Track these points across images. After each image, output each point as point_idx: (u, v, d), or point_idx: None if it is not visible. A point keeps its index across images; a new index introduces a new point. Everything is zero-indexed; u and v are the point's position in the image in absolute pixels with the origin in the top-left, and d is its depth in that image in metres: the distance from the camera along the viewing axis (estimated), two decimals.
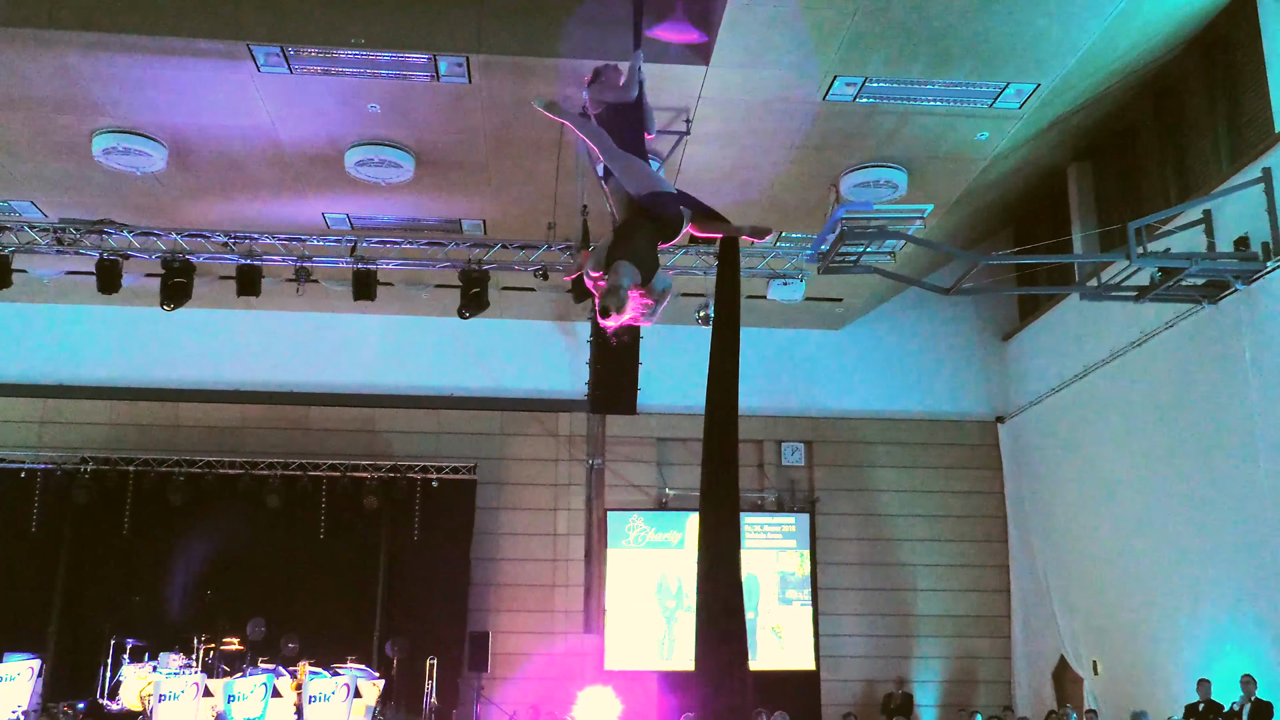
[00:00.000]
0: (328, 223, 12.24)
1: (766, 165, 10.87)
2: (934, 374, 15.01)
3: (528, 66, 9.13)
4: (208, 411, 14.15)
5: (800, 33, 8.76)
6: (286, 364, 14.36)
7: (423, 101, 9.72)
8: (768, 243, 12.49)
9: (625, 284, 4.69)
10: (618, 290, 4.67)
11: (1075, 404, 12.83)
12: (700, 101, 9.65)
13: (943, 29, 8.77)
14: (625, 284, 4.69)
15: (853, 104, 9.78)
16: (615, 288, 4.68)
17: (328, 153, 10.54)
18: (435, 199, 11.69)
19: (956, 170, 11.04)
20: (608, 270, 4.77)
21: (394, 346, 14.56)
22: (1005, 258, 11.62)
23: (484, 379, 14.54)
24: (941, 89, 9.62)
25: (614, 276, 4.72)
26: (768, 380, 14.65)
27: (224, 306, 13.42)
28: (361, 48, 8.90)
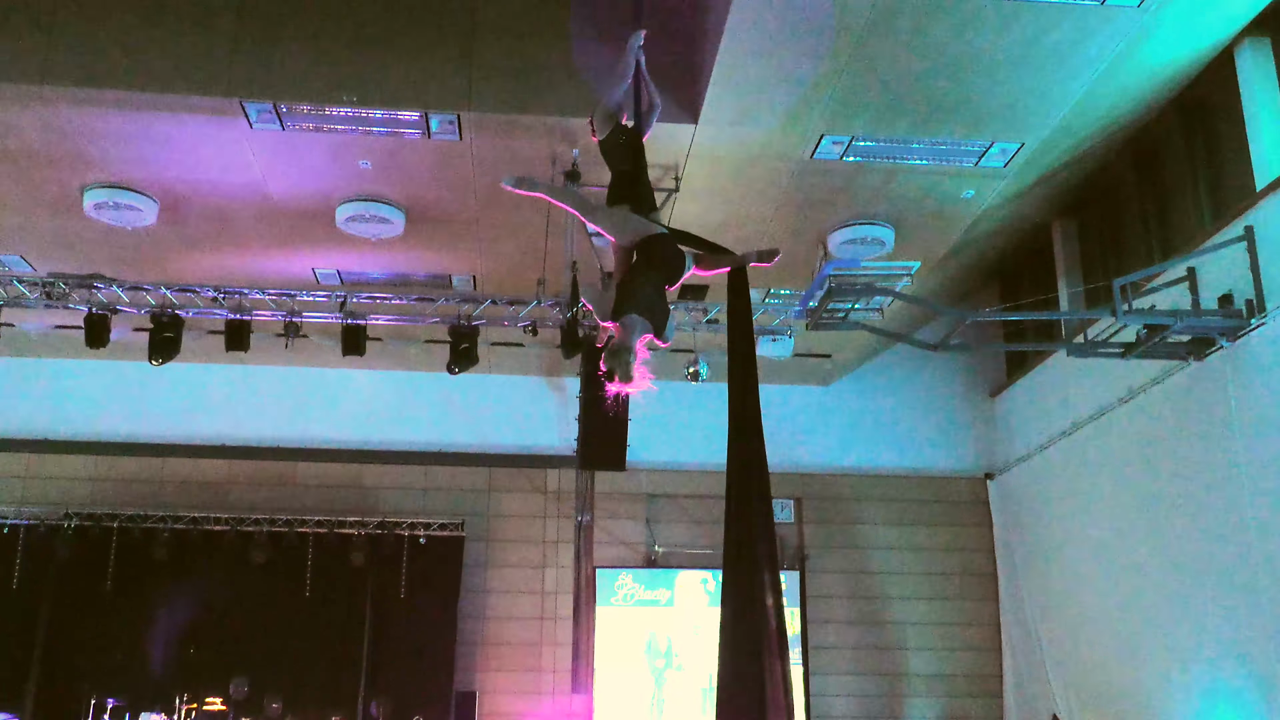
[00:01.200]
0: (318, 278, 12.28)
1: (755, 221, 10.97)
2: (923, 430, 15.04)
3: (518, 123, 9.24)
4: (194, 467, 14.07)
5: (787, 92, 8.90)
6: (274, 419, 14.34)
7: (414, 158, 9.81)
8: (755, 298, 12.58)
9: (634, 343, 4.55)
10: (625, 352, 4.53)
11: (1064, 460, 12.84)
12: (689, 158, 9.77)
13: (927, 89, 8.92)
14: (634, 343, 4.55)
15: (840, 161, 9.90)
16: (623, 349, 4.54)
17: (319, 208, 10.61)
18: (425, 254, 11.75)
19: (943, 227, 11.15)
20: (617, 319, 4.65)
21: (382, 402, 14.55)
22: (992, 314, 11.70)
23: (472, 434, 14.51)
24: (927, 148, 9.75)
25: (624, 334, 4.58)
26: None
27: (211, 361, 13.40)
28: (354, 105, 9.00)
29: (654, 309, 4.70)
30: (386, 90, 8.98)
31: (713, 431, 14.50)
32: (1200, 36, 8.90)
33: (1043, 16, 8.15)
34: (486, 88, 9.04)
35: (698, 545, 14.37)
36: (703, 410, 14.58)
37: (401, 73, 9.01)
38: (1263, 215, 9.21)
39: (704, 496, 14.56)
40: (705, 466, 14.44)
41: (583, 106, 9.02)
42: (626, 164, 5.22)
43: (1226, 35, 9.03)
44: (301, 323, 11.61)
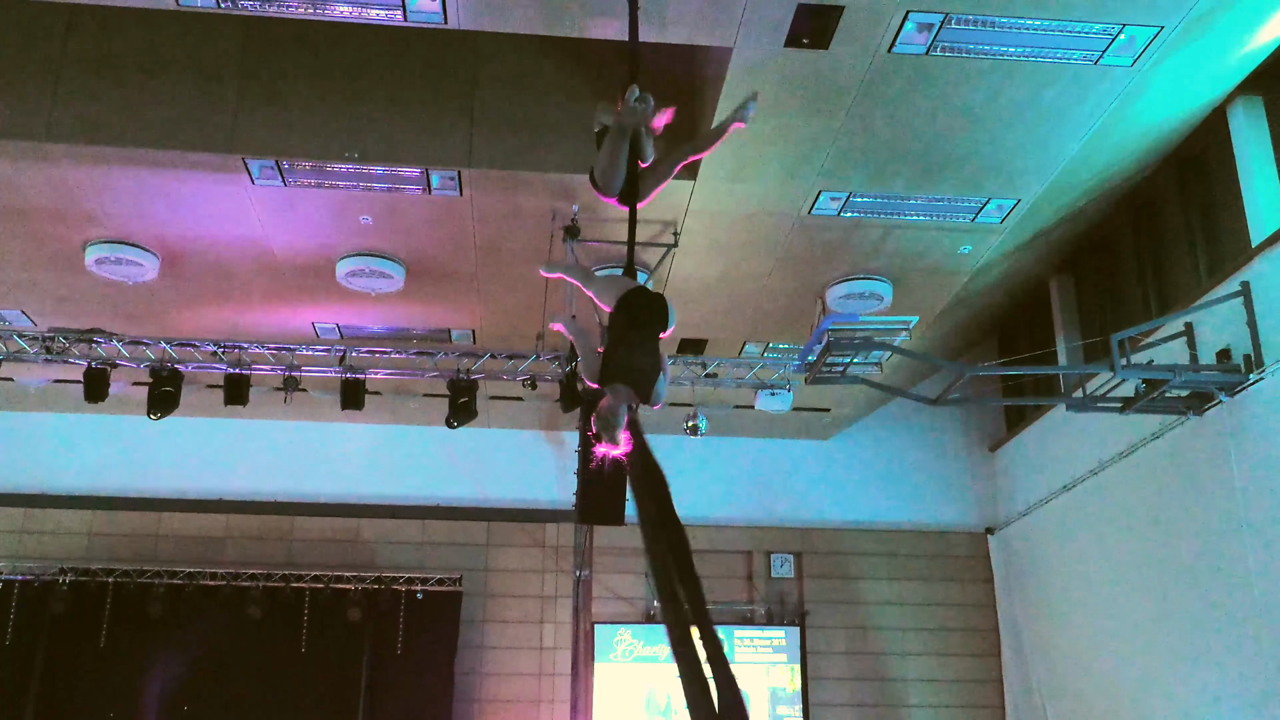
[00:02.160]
0: (317, 332, 12.30)
1: (753, 276, 11.01)
2: (923, 485, 14.98)
3: (518, 179, 9.30)
4: (190, 521, 13.98)
5: (785, 148, 8.98)
6: (271, 473, 14.27)
7: (414, 213, 9.87)
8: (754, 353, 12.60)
9: (622, 411, 4.67)
10: (613, 417, 4.65)
11: (1064, 515, 12.78)
12: (688, 214, 9.83)
13: (924, 147, 9.00)
14: (622, 411, 4.67)
15: (837, 217, 9.96)
16: (611, 415, 4.66)
17: (319, 263, 10.66)
18: (425, 309, 11.78)
19: (941, 282, 11.19)
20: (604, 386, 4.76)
21: (380, 456, 14.50)
22: (991, 369, 11.69)
23: (471, 489, 14.45)
24: (924, 204, 9.81)
25: (612, 400, 4.70)
26: (756, 490, 14.62)
27: (209, 415, 13.38)
28: (355, 161, 9.07)
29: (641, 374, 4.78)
30: (388, 147, 9.05)
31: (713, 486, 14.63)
32: (1193, 95, 8.99)
33: (1038, 75, 8.24)
34: (487, 144, 9.10)
35: None
36: (702, 464, 14.59)
37: (403, 129, 9.08)
38: (1259, 271, 9.25)
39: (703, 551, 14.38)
40: (704, 521, 14.39)
41: (582, 163, 9.07)
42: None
43: (1219, 94, 9.13)
44: (301, 377, 11.60)
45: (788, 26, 7.66)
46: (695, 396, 12.28)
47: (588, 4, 7.47)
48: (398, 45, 9.13)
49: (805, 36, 7.76)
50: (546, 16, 7.65)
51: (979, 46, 7.95)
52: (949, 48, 7.93)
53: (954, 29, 7.76)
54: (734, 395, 13.01)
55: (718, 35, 7.81)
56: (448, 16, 7.69)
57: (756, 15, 7.55)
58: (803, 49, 7.86)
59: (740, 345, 12.64)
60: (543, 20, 7.70)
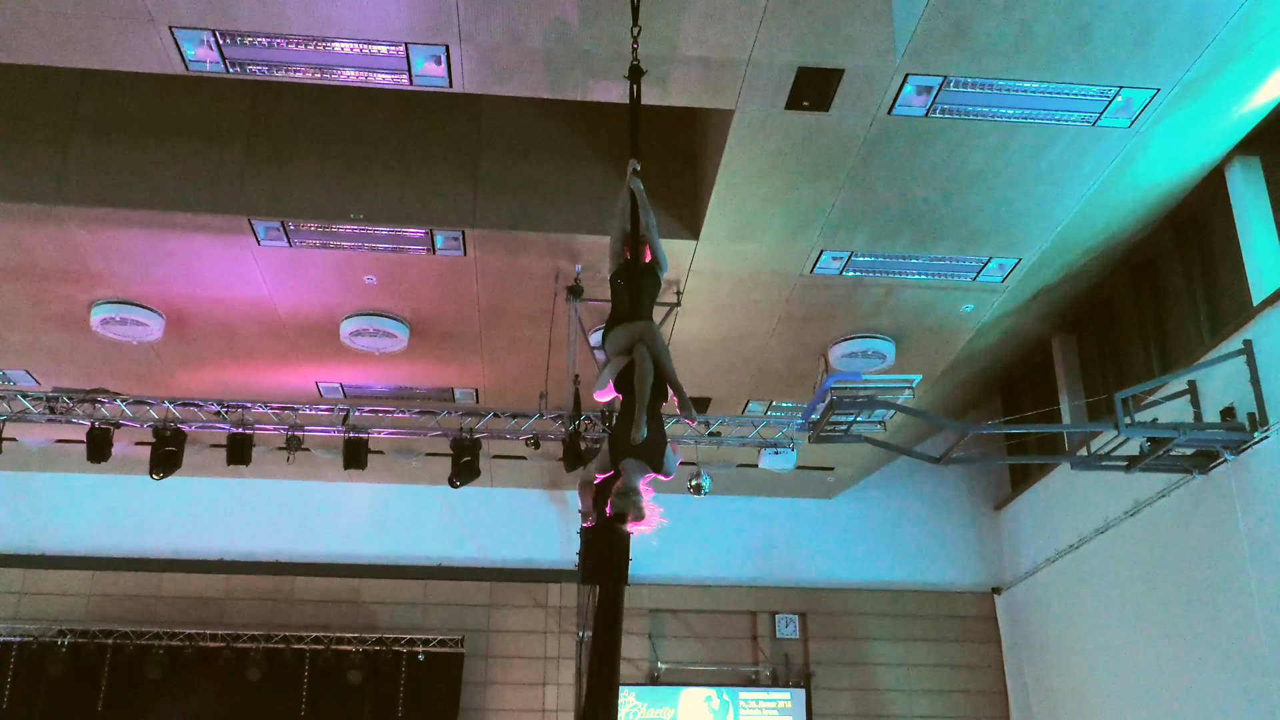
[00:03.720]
0: (321, 391, 12.31)
1: (756, 335, 11.04)
2: (928, 544, 14.88)
3: (522, 239, 9.35)
4: (190, 582, 13.88)
5: (787, 209, 9.04)
6: (272, 533, 14.21)
7: (418, 273, 9.92)
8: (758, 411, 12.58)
9: (636, 483, 4.69)
10: (632, 492, 4.67)
11: (1071, 574, 12.67)
12: (690, 274, 9.87)
13: (925, 207, 9.06)
14: (636, 483, 4.69)
15: (839, 276, 10.00)
16: (629, 489, 4.68)
17: (323, 323, 10.69)
18: (428, 368, 11.79)
19: (944, 341, 11.21)
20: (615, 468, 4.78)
21: (382, 515, 14.45)
22: (995, 427, 11.66)
23: (472, 549, 14.37)
24: (926, 263, 9.86)
25: (626, 477, 4.72)
26: (760, 550, 14.53)
27: (211, 475, 13.35)
28: (360, 223, 9.14)
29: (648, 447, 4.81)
30: (393, 208, 9.12)
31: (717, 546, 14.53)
32: (1191, 156, 9.06)
33: (1037, 137, 8.31)
34: (491, 204, 9.18)
35: (701, 662, 14.11)
36: (706, 524, 14.52)
37: (407, 191, 9.16)
38: (1260, 329, 9.25)
39: (708, 612, 14.36)
40: (709, 581, 14.29)
41: (586, 223, 9.19)
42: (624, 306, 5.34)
43: (1216, 155, 9.19)
44: (304, 436, 11.57)
45: (788, 89, 7.74)
46: (699, 455, 12.23)
47: (591, 67, 7.56)
48: (402, 107, 9.25)
49: (806, 99, 7.83)
50: (550, 80, 7.73)
51: (978, 109, 8.03)
52: (949, 110, 8.01)
53: (953, 91, 7.84)
54: (737, 454, 12.97)
55: (719, 98, 7.89)
56: (453, 80, 7.77)
57: (757, 78, 7.63)
58: (803, 111, 7.94)
59: (744, 404, 12.63)
60: (546, 84, 7.78)
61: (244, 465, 11.40)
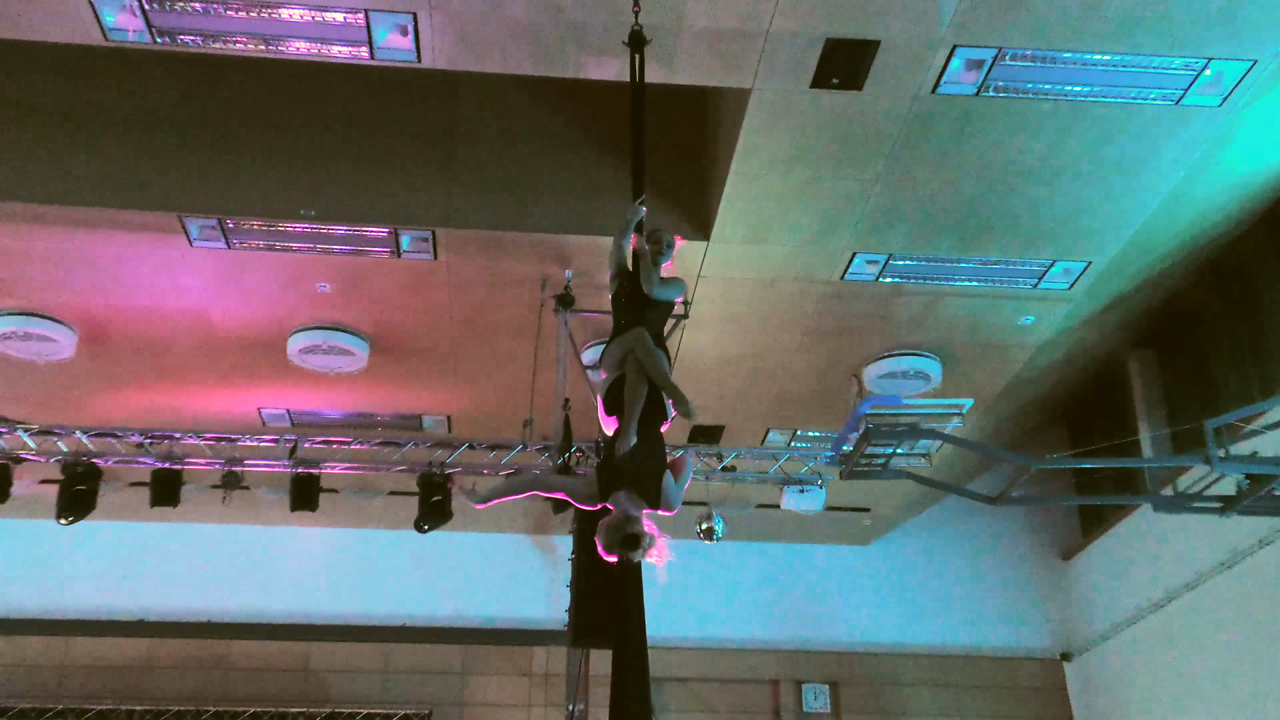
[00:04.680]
0: (264, 419, 12.39)
1: (777, 353, 11.12)
2: (983, 601, 14.91)
3: (502, 241, 9.45)
4: (107, 648, 13.85)
5: (813, 205, 9.12)
6: (205, 589, 14.21)
7: (380, 280, 10.01)
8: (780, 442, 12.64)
9: (636, 512, 4.78)
10: (627, 525, 4.74)
11: (1155, 637, 12.67)
12: (700, 280, 9.95)
13: (976, 201, 9.13)
14: (636, 512, 4.78)
15: (875, 283, 10.08)
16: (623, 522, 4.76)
17: (268, 338, 10.77)
18: (392, 391, 11.88)
19: (999, 359, 11.28)
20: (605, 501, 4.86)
21: (337, 566, 14.48)
22: (1061, 461, 11.69)
23: (443, 605, 14.40)
24: (978, 267, 9.94)
25: (619, 511, 4.79)
26: (783, 607, 14.54)
27: (133, 519, 13.39)
28: (312, 220, 9.21)
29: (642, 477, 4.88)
30: (350, 204, 9.21)
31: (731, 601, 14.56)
32: None
33: (1107, 120, 8.35)
34: (465, 201, 9.27)
35: None
36: (719, 575, 14.55)
37: (368, 183, 9.25)
38: None
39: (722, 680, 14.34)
40: (722, 643, 14.31)
41: (577, 222, 9.27)
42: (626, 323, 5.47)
43: None
44: (243, 473, 11.60)
45: (814, 65, 7.80)
46: (710, 494, 12.26)
47: (584, 40, 7.61)
48: (364, 88, 9.32)
49: (835, 76, 7.90)
50: (538, 55, 7.79)
51: (1038, 86, 8.09)
52: (1003, 88, 8.08)
53: (1008, 66, 7.89)
54: (756, 492, 13.01)
55: (734, 76, 7.97)
56: (422, 55, 7.83)
57: (778, 52, 7.69)
58: (832, 90, 8.02)
59: (762, 433, 12.71)
60: (533, 60, 7.85)
61: (171, 507, 11.42)
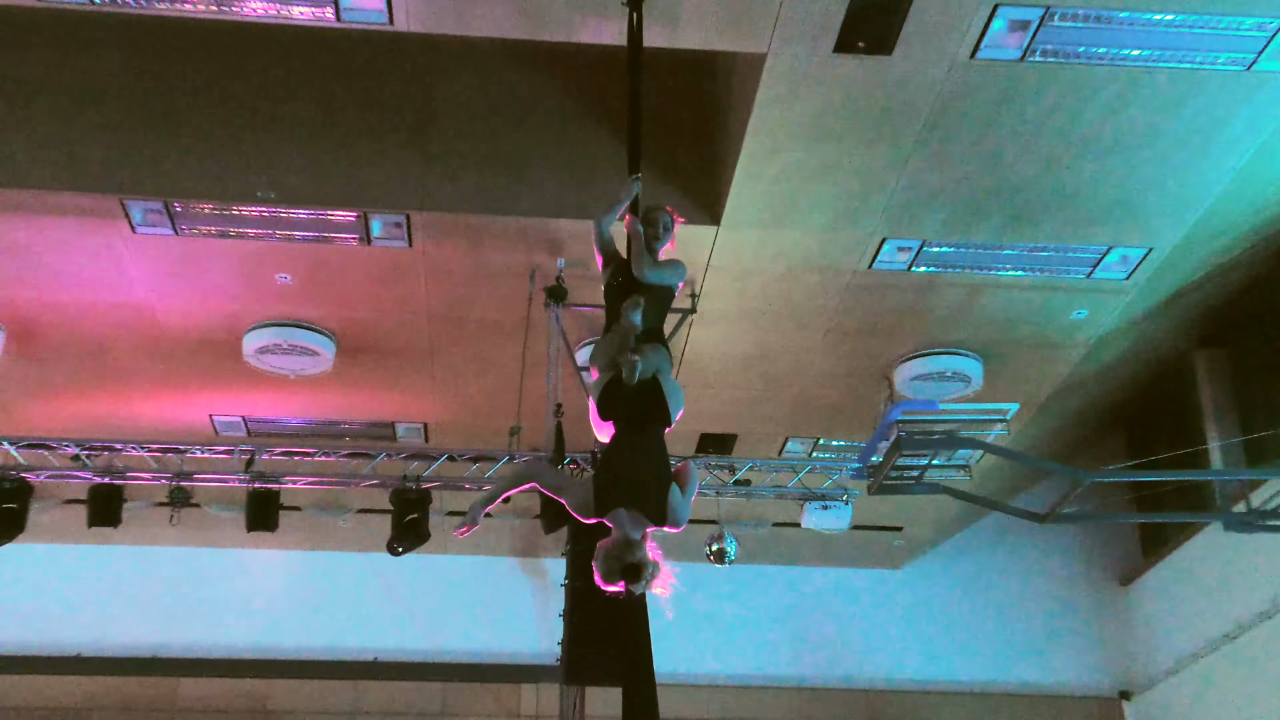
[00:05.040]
0: (216, 428, 12.46)
1: (796, 352, 11.20)
2: (1030, 632, 14.96)
3: (485, 226, 9.51)
4: (39, 687, 13.88)
5: (836, 185, 9.16)
6: (150, 620, 14.27)
7: (348, 271, 10.07)
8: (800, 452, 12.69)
9: (637, 534, 4.83)
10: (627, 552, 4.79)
11: (1227, 673, 12.69)
12: (709, 270, 10.02)
13: (1020, 180, 9.16)
14: (637, 534, 4.83)
15: (907, 273, 10.13)
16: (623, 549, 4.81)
17: (220, 336, 10.82)
18: (361, 396, 11.96)
19: (1048, 358, 11.34)
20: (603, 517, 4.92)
21: (299, 594, 14.57)
22: (1118, 474, 11.72)
23: (420, 637, 14.46)
24: (1024, 254, 9.98)
25: (618, 533, 4.85)
26: (804, 639, 14.59)
27: (67, 541, 13.45)
28: (271, 203, 9.25)
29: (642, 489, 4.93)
30: (314, 185, 9.25)
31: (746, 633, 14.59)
32: None
33: (1169, 88, 8.34)
34: (444, 181, 9.31)
35: None
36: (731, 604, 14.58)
37: (335, 162, 9.30)
38: None
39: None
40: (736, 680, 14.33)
41: (570, 204, 9.29)
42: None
43: None
44: (193, 488, 11.67)
45: (838, 27, 7.79)
46: (721, 512, 12.32)
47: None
48: (329, 55, 9.36)
49: (861, 39, 7.91)
50: (526, 16, 7.77)
51: (1091, 50, 8.07)
52: (1051, 52, 8.08)
53: (1057, 27, 7.87)
54: (773, 509, 13.08)
55: (746, 39, 8.00)
56: (394, 16, 7.82)
57: (797, 12, 7.68)
58: (859, 55, 8.04)
59: (780, 442, 12.80)
60: (521, 21, 7.84)
61: (112, 528, 11.43)
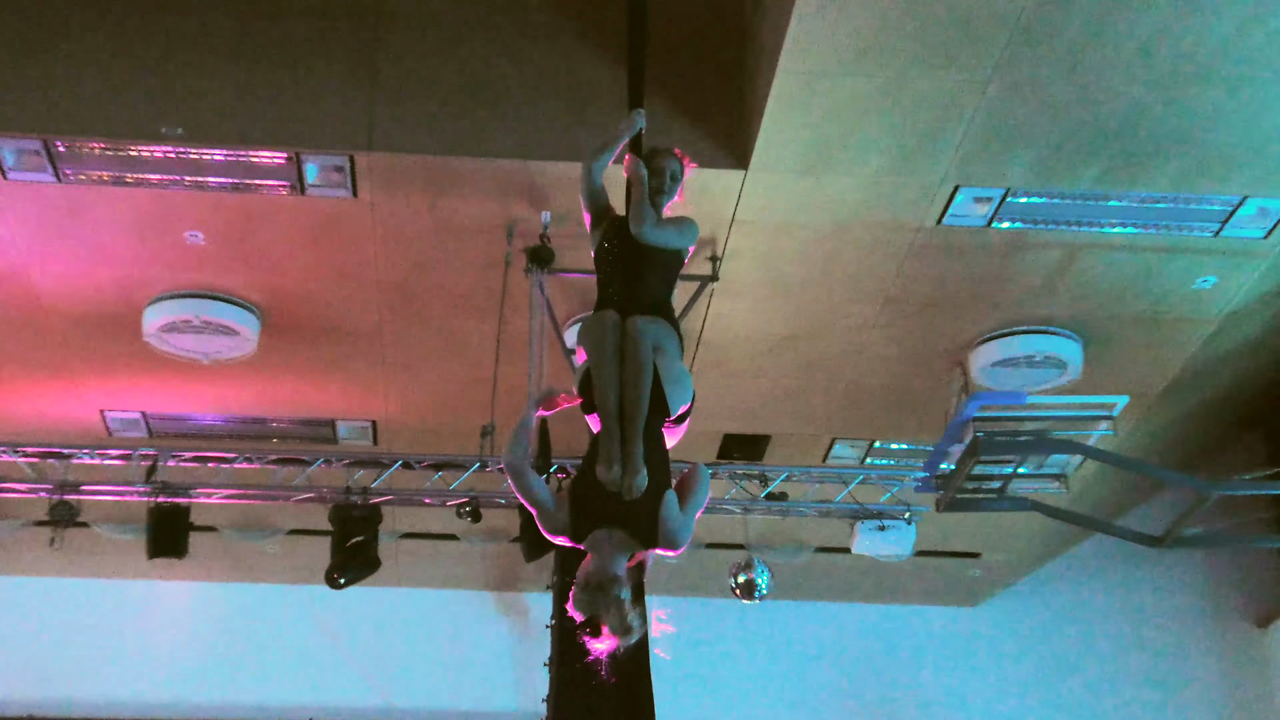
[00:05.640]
0: (109, 426, 12.47)
1: (843, 330, 11.19)
2: (1143, 683, 14.99)
3: (449, 171, 9.50)
4: None
5: (894, 119, 9.13)
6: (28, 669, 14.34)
7: (277, 228, 10.06)
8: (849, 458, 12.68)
9: (619, 571, 4.82)
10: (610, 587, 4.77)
11: None
12: (734, 227, 10.02)
13: (1129, 112, 9.11)
14: (619, 571, 4.82)
15: (987, 230, 10.10)
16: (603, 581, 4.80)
17: (114, 310, 10.84)
18: (293, 387, 11.97)
19: (1165, 339, 11.32)
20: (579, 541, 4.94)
21: (216, 637, 14.62)
22: (1256, 485, 11.71)
23: (368, 690, 14.51)
24: (1134, 206, 9.94)
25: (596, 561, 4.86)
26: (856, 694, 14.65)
27: None
28: (178, 142, 9.25)
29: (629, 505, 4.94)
30: (233, 118, 9.25)
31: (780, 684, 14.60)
32: None
33: None
34: (398, 114, 9.30)
35: None
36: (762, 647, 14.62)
37: (258, 91, 9.29)
38: None
39: None
40: None
41: (558, 144, 9.28)
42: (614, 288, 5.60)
43: None
44: (80, 503, 11.69)
45: None
46: (750, 533, 12.34)
47: None
48: None
49: None
50: None
51: None
52: None
53: None
54: (815, 530, 13.10)
55: None
56: None
57: None
58: None
59: (825, 446, 12.81)
60: None
61: None
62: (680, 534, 4.98)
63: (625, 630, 4.77)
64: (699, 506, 5.16)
